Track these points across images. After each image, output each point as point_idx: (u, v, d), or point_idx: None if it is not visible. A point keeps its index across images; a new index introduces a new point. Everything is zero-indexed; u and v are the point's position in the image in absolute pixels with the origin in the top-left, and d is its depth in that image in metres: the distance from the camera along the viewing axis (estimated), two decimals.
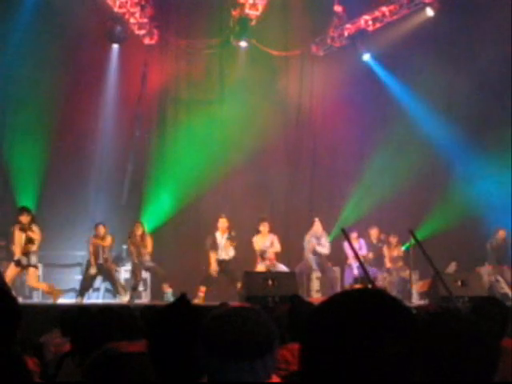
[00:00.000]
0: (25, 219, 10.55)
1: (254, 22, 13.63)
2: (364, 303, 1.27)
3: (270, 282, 9.80)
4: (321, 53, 14.94)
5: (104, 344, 2.73)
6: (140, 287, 11.97)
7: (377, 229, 13.12)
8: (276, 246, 11.98)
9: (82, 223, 12.63)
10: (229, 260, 11.75)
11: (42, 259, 11.37)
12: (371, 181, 14.16)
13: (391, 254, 12.97)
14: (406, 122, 14.16)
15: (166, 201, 13.47)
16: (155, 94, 14.19)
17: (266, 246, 11.90)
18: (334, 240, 12.75)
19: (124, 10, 13.18)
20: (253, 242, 11.96)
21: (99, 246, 11.50)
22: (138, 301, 11.57)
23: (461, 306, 8.19)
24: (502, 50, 13.22)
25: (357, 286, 11.31)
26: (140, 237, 11.78)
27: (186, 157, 13.56)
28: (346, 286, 12.30)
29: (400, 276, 12.76)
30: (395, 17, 14.04)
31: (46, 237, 11.07)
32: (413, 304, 10.99)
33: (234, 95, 14.14)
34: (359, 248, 12.42)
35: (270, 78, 14.59)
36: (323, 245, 12.31)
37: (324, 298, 1.39)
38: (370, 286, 7.46)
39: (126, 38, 13.33)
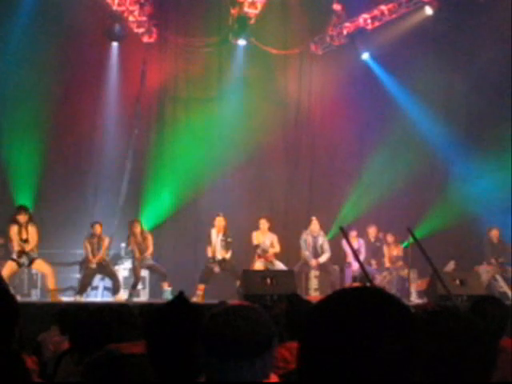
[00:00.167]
0: (22, 218, 10.55)
1: (252, 21, 13.62)
2: (363, 301, 1.27)
3: (268, 280, 9.80)
4: (320, 51, 14.93)
5: (102, 342, 2.73)
6: (139, 285, 11.97)
7: (375, 227, 13.11)
8: (276, 247, 11.96)
9: (80, 221, 12.61)
10: (227, 259, 11.74)
11: (41, 258, 11.34)
12: (370, 179, 14.17)
13: (390, 253, 12.97)
14: (405, 120, 14.16)
15: (164, 199, 13.46)
16: (154, 92, 14.18)
17: (266, 245, 11.87)
18: (332, 239, 12.76)
19: (123, 8, 13.17)
20: (251, 237, 11.91)
21: (95, 245, 11.53)
22: (136, 299, 11.56)
23: (459, 304, 8.20)
24: (501, 48, 13.22)
25: (355, 284, 11.30)
26: (140, 235, 11.78)
27: (185, 155, 13.56)
28: (345, 284, 12.29)
29: (399, 275, 12.77)
30: (394, 15, 14.03)
31: (45, 235, 11.07)
32: (411, 303, 11.00)
33: (233, 93, 14.14)
34: (358, 248, 12.42)
35: (269, 77, 14.58)
36: (324, 249, 12.27)
37: (322, 296, 1.39)
38: (368, 284, 7.46)
39: (125, 36, 13.32)
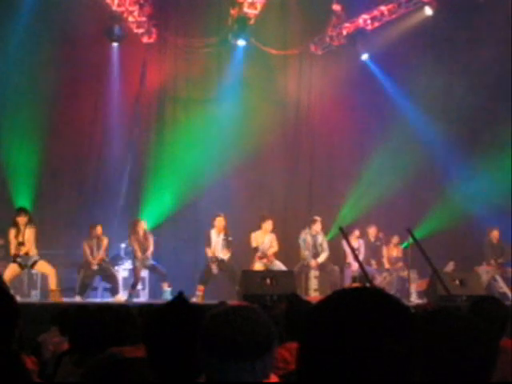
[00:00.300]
0: (21, 220, 10.53)
1: (252, 21, 13.62)
2: (362, 302, 1.27)
3: (268, 280, 9.79)
4: (319, 52, 14.94)
5: (101, 342, 2.73)
6: (139, 286, 11.97)
7: (375, 227, 13.12)
8: (275, 246, 11.94)
9: (80, 222, 12.61)
10: (226, 259, 11.74)
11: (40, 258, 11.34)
12: (369, 180, 14.16)
13: (390, 253, 12.97)
14: (404, 120, 14.15)
15: (164, 199, 13.45)
16: (154, 92, 14.18)
17: (265, 246, 11.84)
18: (333, 239, 12.76)
19: (122, 9, 13.16)
20: (250, 238, 11.88)
21: (94, 247, 11.53)
22: (136, 299, 11.56)
23: (460, 304, 8.19)
24: (501, 49, 13.22)
25: (355, 284, 11.30)
26: (143, 234, 11.78)
27: (185, 155, 13.55)
28: (345, 285, 12.27)
29: (399, 275, 12.77)
30: (394, 16, 14.04)
31: (44, 236, 11.06)
32: (411, 303, 11.00)
33: (233, 94, 14.13)
34: (358, 247, 12.42)
35: (269, 77, 14.58)
36: (323, 248, 12.27)
37: (322, 296, 1.38)
38: (368, 285, 7.46)
39: (125, 37, 13.32)
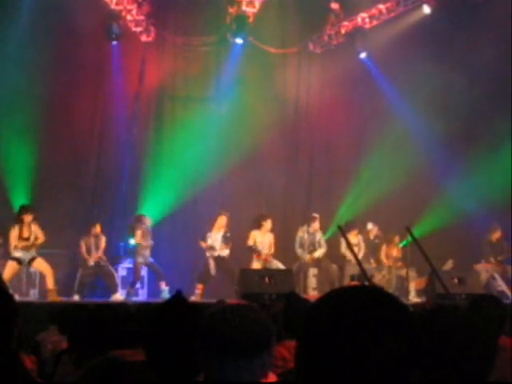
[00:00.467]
0: (27, 217, 10.56)
1: (251, 20, 13.63)
2: (361, 300, 1.27)
3: (266, 279, 9.80)
4: (318, 50, 14.94)
5: (100, 341, 2.73)
6: (137, 284, 11.97)
7: (374, 225, 13.12)
8: (271, 249, 11.92)
9: (79, 221, 12.60)
10: (225, 257, 11.74)
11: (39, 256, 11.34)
12: (368, 177, 14.16)
13: (389, 251, 12.95)
14: (402, 119, 14.16)
15: (163, 197, 13.45)
16: (153, 90, 14.17)
17: (265, 245, 11.81)
18: (331, 237, 12.77)
19: (121, 7, 13.16)
20: (249, 236, 11.87)
21: (93, 245, 11.54)
22: (134, 298, 11.56)
23: (459, 303, 8.20)
24: (500, 47, 13.21)
25: (354, 283, 11.30)
26: (146, 230, 11.82)
27: (184, 153, 13.54)
28: (344, 283, 12.26)
29: (397, 273, 12.76)
30: (392, 14, 14.04)
31: (43, 235, 11.05)
32: (410, 301, 11.01)
33: (231, 92, 14.13)
34: (358, 242, 12.43)
35: (267, 76, 14.58)
36: (321, 245, 12.28)
37: (320, 295, 1.38)
38: (366, 283, 7.46)
39: (123, 36, 13.30)
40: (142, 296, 12.18)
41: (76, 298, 11.19)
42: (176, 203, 13.47)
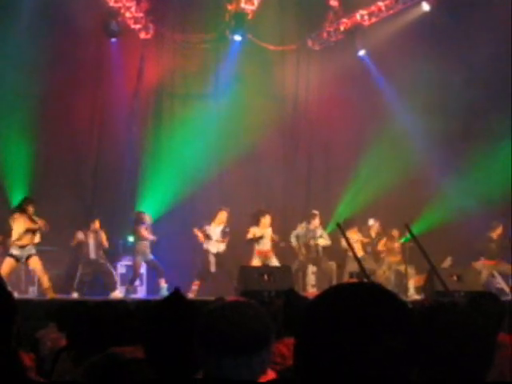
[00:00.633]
0: (30, 210, 10.54)
1: (250, 17, 13.61)
2: (360, 297, 1.27)
3: (265, 276, 9.79)
4: (317, 47, 14.93)
5: (99, 339, 2.73)
6: (136, 282, 11.97)
7: (373, 223, 13.12)
8: (272, 238, 11.93)
9: (78, 219, 12.58)
10: (222, 251, 11.74)
11: (38, 255, 11.32)
12: (367, 175, 14.16)
13: (392, 246, 12.89)
14: (401, 116, 14.15)
15: (161, 195, 13.44)
16: (152, 88, 14.17)
17: (264, 241, 11.80)
18: (330, 233, 12.76)
19: (120, 5, 13.14)
20: (248, 232, 11.86)
21: (90, 240, 11.55)
22: (133, 295, 11.56)
23: (458, 300, 8.20)
24: (499, 45, 13.20)
25: (352, 280, 11.30)
26: (147, 228, 11.83)
27: (183, 150, 13.54)
28: (343, 280, 12.27)
29: (396, 270, 12.76)
30: (391, 11, 14.02)
31: (42, 233, 11.04)
32: (409, 298, 11.01)
33: (230, 89, 14.12)
34: (358, 240, 12.43)
35: (266, 73, 14.57)
36: (324, 237, 12.31)
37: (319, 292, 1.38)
38: (365, 280, 7.46)
39: (122, 33, 13.30)
40: (140, 293, 12.18)
41: (75, 295, 11.19)
42: (175, 200, 13.46)
